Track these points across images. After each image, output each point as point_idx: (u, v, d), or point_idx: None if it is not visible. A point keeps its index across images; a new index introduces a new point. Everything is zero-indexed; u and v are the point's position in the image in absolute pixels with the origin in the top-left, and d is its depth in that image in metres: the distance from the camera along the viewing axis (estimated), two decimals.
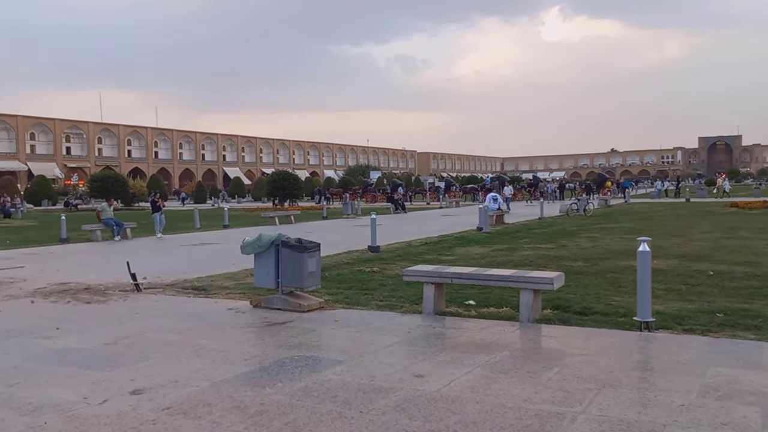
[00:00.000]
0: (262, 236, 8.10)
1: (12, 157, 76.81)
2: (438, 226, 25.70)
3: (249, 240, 8.17)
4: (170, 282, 10.89)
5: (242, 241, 8.32)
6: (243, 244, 8.25)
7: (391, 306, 8.33)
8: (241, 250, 8.32)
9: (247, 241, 8.17)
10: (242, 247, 8.27)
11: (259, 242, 8.03)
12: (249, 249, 8.17)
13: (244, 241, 8.27)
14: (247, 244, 8.16)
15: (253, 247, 8.09)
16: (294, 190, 45.62)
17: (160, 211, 22.09)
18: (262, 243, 8.02)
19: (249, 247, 8.15)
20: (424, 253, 15.44)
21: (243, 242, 8.27)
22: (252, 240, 8.11)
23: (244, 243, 8.24)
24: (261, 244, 8.02)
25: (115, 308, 8.41)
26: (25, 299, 9.20)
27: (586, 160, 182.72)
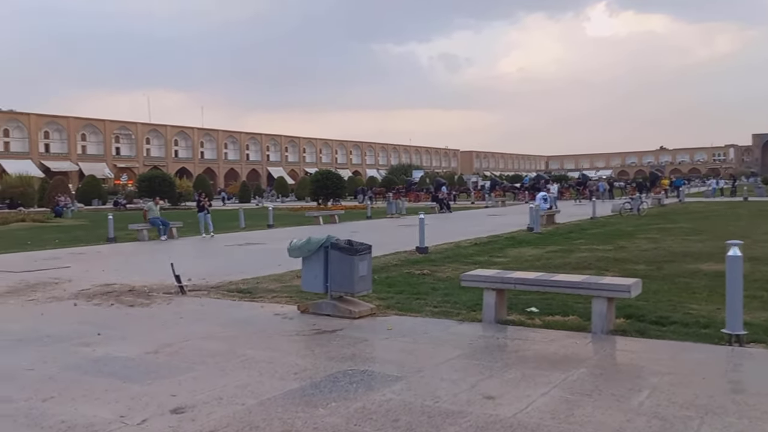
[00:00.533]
0: (311, 239, 7.63)
1: (64, 158, 79.01)
2: (485, 226, 24.96)
3: (297, 243, 7.72)
4: (215, 284, 10.57)
5: (289, 244, 7.88)
6: (290, 247, 7.80)
7: (446, 313, 7.76)
8: (289, 253, 7.88)
9: (295, 244, 7.72)
10: (290, 250, 7.83)
11: (308, 245, 7.56)
12: (297, 252, 7.72)
13: (291, 244, 7.83)
14: (295, 248, 7.71)
15: (301, 250, 7.64)
16: (337, 189, 45.36)
17: (205, 211, 22.00)
18: (311, 246, 7.55)
19: (297, 251, 7.69)
20: (474, 255, 14.81)
21: (290, 245, 7.83)
22: (300, 243, 7.65)
23: (291, 246, 7.79)
24: (310, 248, 7.55)
25: (158, 312, 8.08)
26: (68, 301, 8.97)
27: (634, 158, 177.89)
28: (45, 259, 15.18)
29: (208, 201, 22.80)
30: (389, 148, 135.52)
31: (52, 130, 79.94)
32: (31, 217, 32.81)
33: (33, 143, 76.53)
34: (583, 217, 27.80)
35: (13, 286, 10.48)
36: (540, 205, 23.26)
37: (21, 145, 76.27)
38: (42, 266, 13.50)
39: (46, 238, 22.37)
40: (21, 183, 51.41)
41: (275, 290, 9.78)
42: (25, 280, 11.14)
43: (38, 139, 77.67)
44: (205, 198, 23.07)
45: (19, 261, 14.86)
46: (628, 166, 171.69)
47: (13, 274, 12.26)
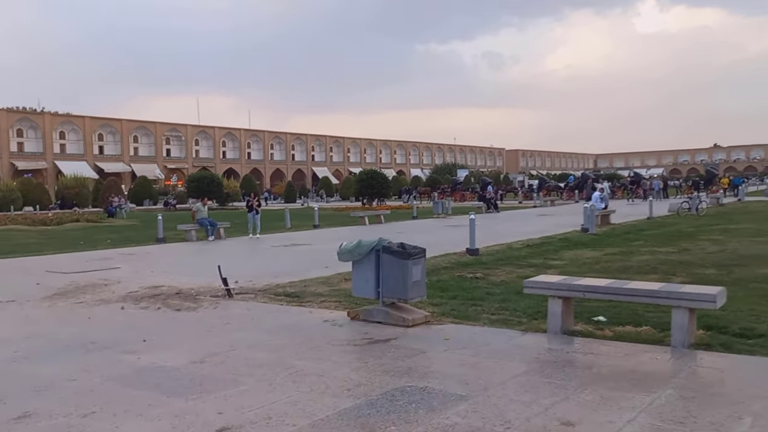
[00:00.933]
0: (361, 242, 7.24)
1: (117, 159, 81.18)
2: (536, 226, 24.19)
3: (347, 246, 7.34)
4: (262, 287, 10.31)
5: (339, 247, 7.51)
6: (340, 250, 7.43)
7: (505, 321, 7.26)
8: (339, 256, 7.51)
9: (345, 248, 7.34)
10: (339, 254, 7.46)
11: (359, 248, 7.18)
12: (347, 256, 7.34)
13: (341, 247, 7.45)
14: (345, 251, 7.33)
15: (351, 254, 7.26)
16: (382, 189, 45.04)
17: (254, 211, 21.96)
18: (362, 249, 7.16)
19: (347, 254, 7.31)
20: (527, 257, 14.20)
21: (340, 248, 7.45)
22: (351, 246, 7.27)
23: (341, 249, 7.42)
24: (360, 251, 7.16)
25: (205, 317, 7.83)
26: (116, 304, 8.83)
27: (687, 156, 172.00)
28: (96, 259, 15.28)
29: (257, 201, 22.74)
30: (433, 148, 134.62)
31: (106, 132, 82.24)
32: (85, 218, 33.57)
33: (88, 145, 78.86)
34: (639, 217, 26.71)
35: (62, 288, 10.46)
36: (595, 204, 22.37)
37: (76, 147, 78.69)
38: (92, 267, 13.55)
39: (98, 238, 22.72)
40: (76, 184, 52.94)
41: (323, 294, 9.45)
42: (75, 282, 11.12)
43: (93, 141, 80.00)
44: (255, 198, 23.03)
45: (71, 262, 15.00)
46: (681, 164, 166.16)
47: (64, 275, 12.30)
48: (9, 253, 17.48)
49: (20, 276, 12.51)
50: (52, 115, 77.04)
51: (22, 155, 73.26)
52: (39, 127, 74.97)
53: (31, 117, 75.48)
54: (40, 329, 7.29)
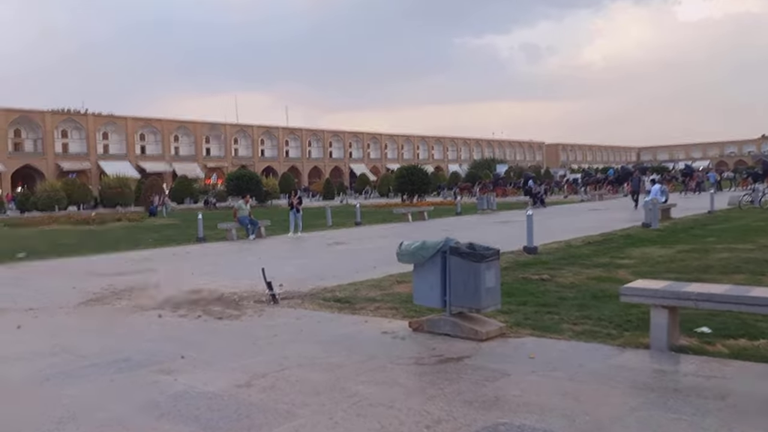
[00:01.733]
0: (426, 243, 6.33)
1: (159, 159, 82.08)
2: (590, 222, 22.90)
3: (409, 247, 6.43)
4: (309, 291, 9.51)
5: (399, 247, 6.61)
6: (401, 251, 6.53)
7: (593, 334, 6.26)
8: (399, 257, 6.62)
9: (407, 249, 6.43)
10: (400, 255, 6.56)
11: (422, 250, 6.27)
12: (408, 258, 6.44)
13: (401, 248, 6.55)
14: (406, 253, 6.43)
15: (414, 256, 6.35)
16: (423, 185, 43.98)
17: (294, 209, 21.28)
18: (426, 251, 6.25)
19: (409, 256, 6.41)
20: (591, 255, 13.08)
21: (401, 249, 6.55)
22: (413, 247, 6.36)
23: (402, 250, 6.52)
24: (425, 253, 6.25)
25: (249, 327, 7.04)
26: (153, 311, 8.12)
27: (733, 147, 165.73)
28: (135, 260, 14.77)
29: (297, 200, 22.04)
30: (471, 143, 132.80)
31: (148, 132, 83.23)
32: (127, 217, 33.56)
33: (130, 145, 79.93)
34: (699, 211, 25.14)
35: (99, 293, 9.85)
36: (656, 198, 21.02)
37: (119, 148, 79.83)
38: (131, 269, 12.99)
39: (139, 237, 22.38)
40: (118, 184, 53.41)
41: (376, 299, 8.58)
42: (112, 285, 10.52)
43: (135, 141, 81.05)
44: (295, 197, 22.36)
45: (111, 263, 14.51)
46: (727, 156, 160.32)
47: (103, 277, 11.73)
48: (50, 254, 17.16)
49: (58, 279, 12.01)
50: (96, 117, 78.29)
51: (66, 156, 74.64)
52: (83, 128, 76.28)
53: (76, 118, 76.82)
54: (70, 342, 6.60)
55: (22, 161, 71.37)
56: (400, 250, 6.52)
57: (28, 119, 72.29)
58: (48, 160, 72.20)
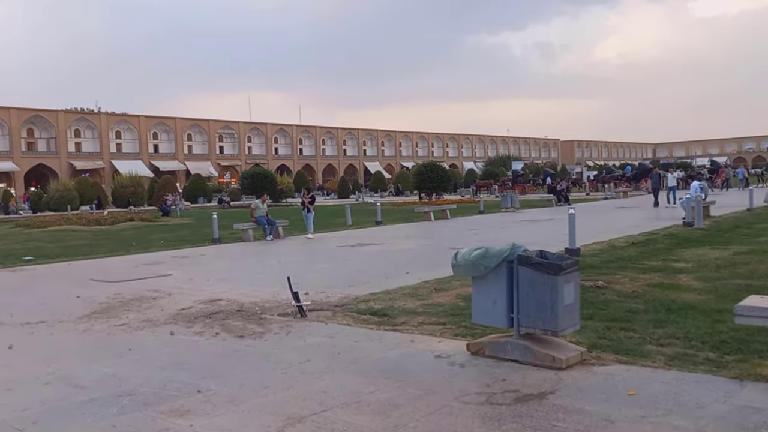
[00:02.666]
0: (489, 250, 5.28)
1: (172, 158, 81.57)
2: (624, 220, 21.73)
3: (468, 255, 5.36)
4: (338, 300, 8.49)
5: (454, 258, 5.55)
6: (457, 261, 5.47)
7: (689, 359, 5.18)
8: (455, 269, 5.56)
9: (465, 258, 5.37)
10: (456, 267, 5.50)
11: (485, 259, 5.21)
12: (468, 270, 5.38)
13: (458, 258, 5.49)
14: (465, 263, 5.37)
15: (474, 267, 5.29)
16: (442, 182, 42.80)
17: (306, 209, 20.18)
18: (490, 260, 5.20)
19: (469, 267, 5.35)
20: (640, 258, 11.96)
21: (456, 259, 5.49)
22: (474, 255, 5.30)
23: (458, 260, 5.46)
24: (488, 263, 5.20)
25: (276, 349, 6.01)
26: (164, 327, 7.13)
27: (751, 143, 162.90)
28: (147, 264, 13.84)
29: (309, 198, 20.81)
30: (486, 140, 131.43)
31: (161, 130, 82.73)
32: (139, 216, 32.75)
33: (143, 144, 79.47)
34: (737, 209, 23.92)
35: (105, 303, 8.88)
36: (699, 195, 19.78)
37: (132, 146, 79.41)
38: (142, 274, 12.05)
39: (151, 238, 21.51)
40: (132, 183, 52.78)
41: (417, 312, 7.54)
42: (120, 294, 9.56)
43: (147, 140, 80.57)
44: (308, 195, 21.27)
45: (121, 266, 13.59)
46: (745, 152, 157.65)
47: (110, 284, 10.79)
48: (58, 257, 16.30)
49: (62, 285, 11.08)
50: (109, 115, 77.90)
51: (80, 155, 74.30)
52: (96, 127, 75.91)
53: (88, 117, 76.47)
54: (66, 368, 5.62)
55: (35, 160, 71.12)
56: (457, 261, 5.46)
57: (41, 118, 72.03)
58: (61, 159, 71.89)
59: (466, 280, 10.21)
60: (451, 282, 9.73)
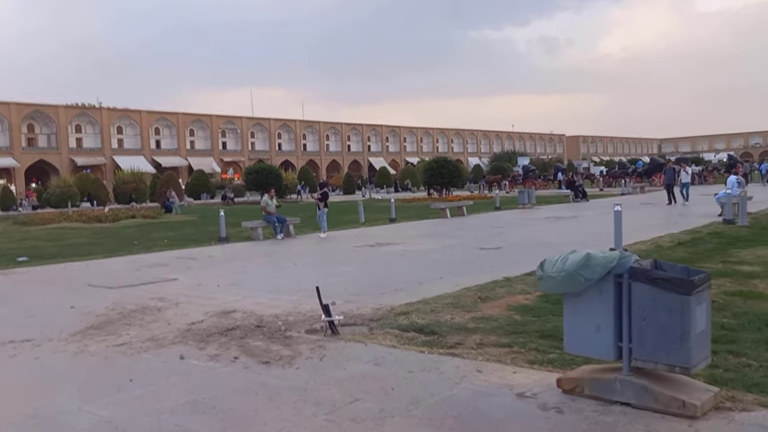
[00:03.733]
0: (591, 256, 4.11)
1: (174, 153, 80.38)
2: (655, 218, 20.58)
3: (562, 264, 4.17)
4: (372, 312, 7.33)
5: (540, 268, 4.37)
6: (546, 273, 4.29)
7: None
8: (542, 282, 4.38)
9: (559, 266, 4.18)
10: (544, 279, 4.32)
11: (587, 269, 4.04)
12: (563, 283, 4.20)
13: (545, 267, 4.31)
14: (558, 273, 4.18)
15: (572, 279, 4.10)
16: (453, 178, 41.54)
17: (317, 207, 18.90)
18: (593, 271, 4.03)
19: (564, 281, 4.16)
20: (694, 260, 10.76)
21: (543, 269, 4.31)
22: (570, 264, 4.11)
23: (548, 271, 4.27)
24: (590, 274, 4.03)
25: (312, 382, 4.84)
26: (172, 348, 5.97)
27: (758, 138, 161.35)
28: (150, 266, 12.69)
29: (320, 195, 19.34)
30: (491, 135, 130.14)
31: (163, 126, 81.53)
32: (141, 213, 31.61)
33: (145, 140, 78.29)
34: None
35: (102, 315, 7.73)
36: (732, 191, 18.60)
37: (134, 142, 78.25)
38: (145, 277, 10.90)
39: (154, 237, 20.37)
40: (133, 179, 51.64)
41: (468, 328, 6.38)
42: (120, 304, 8.40)
43: (149, 135, 79.39)
44: (319, 191, 19.95)
45: (121, 269, 12.45)
46: (752, 147, 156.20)
47: (109, 291, 9.64)
48: (55, 257, 15.16)
49: (56, 292, 9.94)
50: (110, 110, 76.70)
51: (81, 151, 73.17)
52: (97, 123, 74.75)
53: (89, 112, 75.31)
54: (52, 408, 4.46)
55: (35, 156, 70.02)
56: (545, 272, 4.28)
57: (41, 113, 70.89)
58: (62, 155, 70.75)
59: (513, 286, 9.07)
60: (494, 289, 8.58)
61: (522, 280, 9.25)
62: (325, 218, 18.36)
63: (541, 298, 7.85)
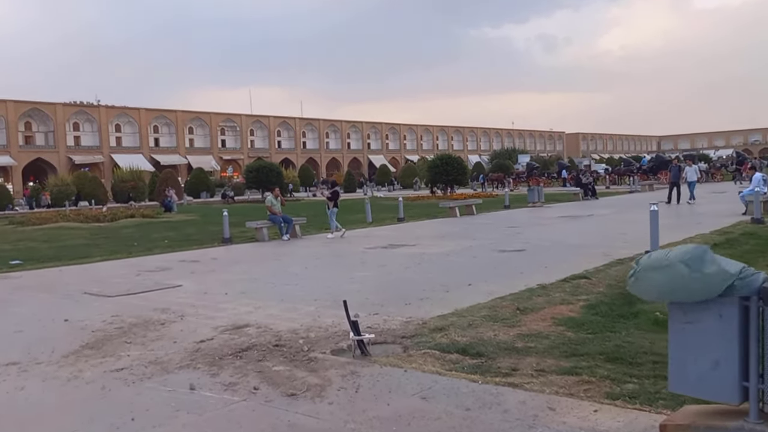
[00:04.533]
0: (706, 259, 3.30)
1: (173, 151, 79.40)
2: (672, 218, 19.75)
3: (668, 268, 3.34)
4: (402, 327, 6.52)
5: (634, 266, 3.52)
6: (636, 276, 3.46)
7: None
8: (635, 282, 3.52)
9: (665, 274, 3.35)
10: (637, 277, 3.49)
11: (701, 281, 3.22)
12: (666, 291, 3.38)
13: (638, 271, 3.48)
14: (661, 282, 3.34)
15: (682, 279, 3.29)
16: (458, 175, 40.70)
17: (326, 206, 18.07)
18: (710, 284, 3.22)
19: (669, 290, 3.35)
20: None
21: (637, 270, 3.48)
22: (682, 269, 3.29)
23: (640, 274, 3.45)
24: (706, 287, 3.22)
25: (351, 422, 4.02)
26: (180, 374, 5.16)
27: (758, 135, 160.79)
28: (151, 270, 11.88)
29: (330, 194, 18.56)
30: (491, 133, 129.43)
31: (161, 124, 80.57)
32: (140, 213, 30.77)
33: (143, 138, 77.32)
34: None
35: (100, 330, 6.91)
36: (760, 188, 17.83)
37: (132, 140, 77.29)
38: (146, 284, 10.08)
39: (154, 237, 19.55)
40: (132, 177, 50.79)
41: (517, 348, 5.57)
42: (119, 316, 7.58)
43: (148, 133, 78.43)
44: (329, 190, 19.15)
45: (121, 273, 11.63)
46: (752, 144, 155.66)
47: (107, 300, 8.82)
48: (50, 260, 14.35)
49: (49, 301, 9.12)
50: (108, 108, 75.73)
51: (79, 149, 72.21)
52: (95, 120, 73.79)
53: (88, 110, 74.34)
54: None
55: (33, 155, 69.03)
56: (636, 276, 3.45)
57: (38, 111, 69.89)
58: (60, 153, 69.79)
59: (551, 295, 8.20)
60: (532, 299, 7.77)
61: (559, 287, 8.45)
62: (334, 218, 17.56)
63: (588, 310, 7.05)
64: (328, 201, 18.27)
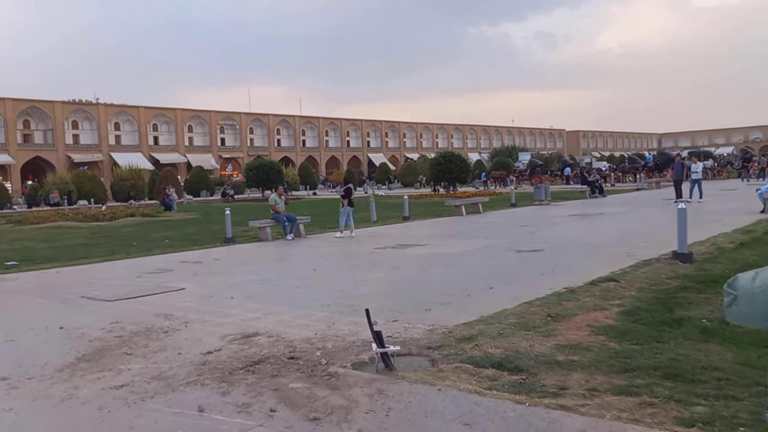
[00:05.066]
0: None
1: (172, 150, 78.84)
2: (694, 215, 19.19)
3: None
4: (426, 336, 6.00)
5: (730, 291, 3.03)
6: (737, 303, 2.96)
7: None
8: (734, 309, 3.03)
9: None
10: (738, 303, 2.98)
11: None
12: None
13: (737, 286, 2.98)
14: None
15: None
16: (461, 173, 40.15)
17: (351, 204, 17.50)
18: None
19: None
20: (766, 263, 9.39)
21: (738, 297, 2.98)
22: None
23: (745, 286, 2.94)
24: None
25: None
26: (187, 393, 4.63)
27: (758, 133, 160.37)
28: (151, 272, 11.35)
29: (344, 192, 18.09)
30: (491, 131, 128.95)
31: (161, 122, 80.00)
32: (140, 211, 30.23)
33: (142, 136, 76.77)
34: None
35: (98, 339, 6.38)
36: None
37: (131, 138, 76.73)
38: (147, 287, 9.54)
39: (154, 237, 19.02)
40: (131, 175, 50.22)
41: (559, 361, 5.05)
42: (119, 323, 7.05)
43: (147, 131, 77.87)
44: (343, 187, 18.64)
45: (120, 275, 11.10)
46: (752, 141, 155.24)
47: (106, 305, 8.29)
48: (48, 261, 13.83)
49: (44, 306, 8.58)
50: (107, 106, 75.16)
51: (77, 147, 71.67)
52: (94, 119, 73.21)
53: (86, 108, 73.76)
54: None
55: (31, 153, 68.50)
56: (740, 290, 2.93)
57: (37, 109, 69.30)
58: (58, 151, 69.25)
59: (581, 300, 7.64)
60: (561, 304, 7.25)
61: (588, 291, 7.93)
62: (344, 217, 17.05)
63: (626, 317, 6.53)
64: (342, 199, 17.77)
